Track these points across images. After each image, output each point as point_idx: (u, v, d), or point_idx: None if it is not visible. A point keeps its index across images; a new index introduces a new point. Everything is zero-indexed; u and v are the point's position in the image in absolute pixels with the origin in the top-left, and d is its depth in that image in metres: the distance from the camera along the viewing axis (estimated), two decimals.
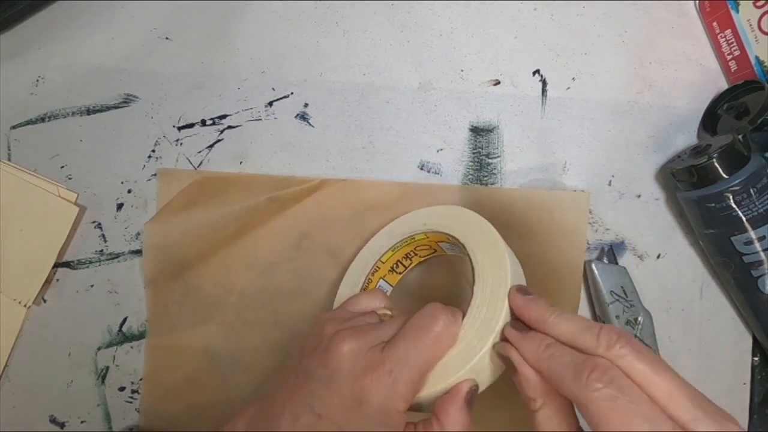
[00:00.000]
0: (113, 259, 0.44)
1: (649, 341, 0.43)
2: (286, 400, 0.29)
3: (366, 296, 0.36)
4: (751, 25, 0.43)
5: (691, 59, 0.47)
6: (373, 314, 0.34)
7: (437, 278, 0.44)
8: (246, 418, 0.31)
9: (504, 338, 0.30)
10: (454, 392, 0.29)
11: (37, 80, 0.44)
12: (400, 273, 0.42)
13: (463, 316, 0.31)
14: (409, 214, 0.41)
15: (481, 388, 0.31)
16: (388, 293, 0.42)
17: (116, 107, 0.45)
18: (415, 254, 0.42)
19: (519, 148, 0.45)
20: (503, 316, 0.30)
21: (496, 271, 0.32)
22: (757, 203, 0.39)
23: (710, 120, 0.45)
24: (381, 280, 0.41)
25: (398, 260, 0.41)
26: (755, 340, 0.46)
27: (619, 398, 0.24)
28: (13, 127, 0.44)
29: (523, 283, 0.34)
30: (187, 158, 0.44)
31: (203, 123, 0.45)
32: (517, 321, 0.30)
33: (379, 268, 0.40)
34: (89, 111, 0.44)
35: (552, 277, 0.44)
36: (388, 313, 0.34)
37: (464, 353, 0.30)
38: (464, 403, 0.29)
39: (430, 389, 0.30)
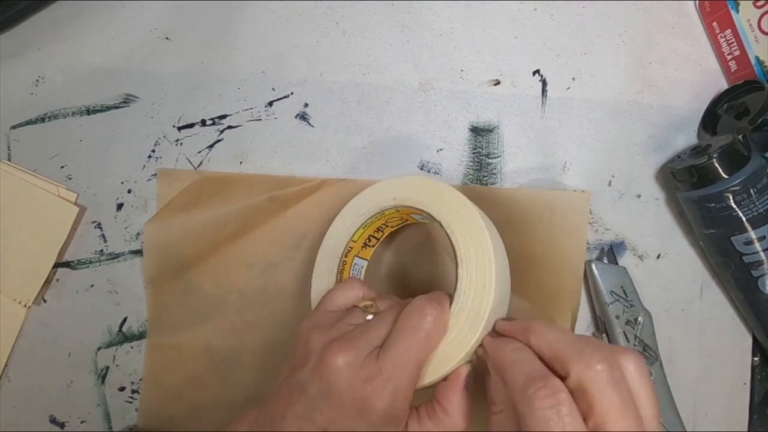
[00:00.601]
0: (113, 259, 0.44)
1: (649, 341, 0.43)
2: (284, 413, 0.29)
3: (342, 289, 0.35)
4: (751, 25, 0.43)
5: (691, 59, 0.47)
6: (356, 311, 0.33)
7: (414, 256, 0.44)
8: (247, 423, 0.31)
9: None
10: (453, 378, 0.30)
11: (37, 80, 0.44)
12: (372, 246, 0.41)
13: (451, 301, 0.31)
14: (373, 187, 0.39)
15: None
16: (363, 268, 0.41)
17: (116, 107, 0.45)
18: (386, 225, 0.41)
19: (519, 148, 0.45)
20: (491, 302, 0.31)
21: (478, 251, 0.32)
22: (757, 203, 0.39)
23: (710, 120, 0.45)
24: (355, 257, 0.40)
25: (370, 235, 0.40)
26: (755, 340, 0.46)
27: (552, 426, 0.23)
28: (13, 127, 0.44)
29: (505, 257, 0.33)
30: (187, 158, 0.44)
31: (203, 123, 0.45)
32: (504, 320, 0.31)
33: (352, 248, 0.39)
34: (89, 111, 0.44)
35: (552, 278, 0.44)
36: (370, 303, 0.34)
37: (456, 342, 0.30)
38: (464, 388, 0.30)
39: (428, 380, 0.31)
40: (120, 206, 0.44)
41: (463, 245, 0.33)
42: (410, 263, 0.44)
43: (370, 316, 0.33)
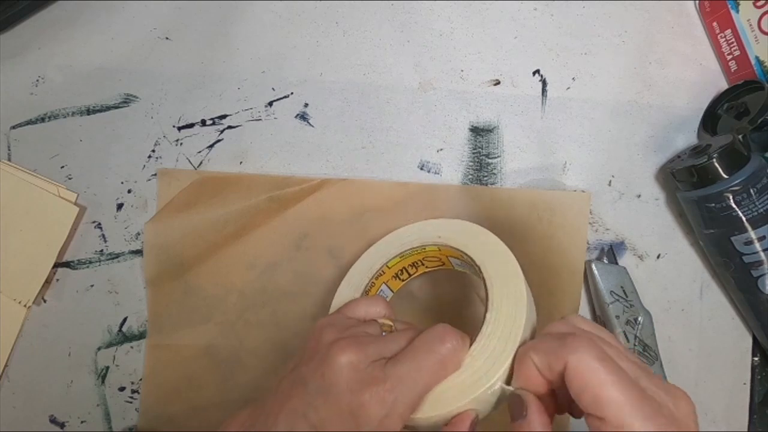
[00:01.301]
0: (113, 259, 0.44)
1: (649, 341, 0.43)
2: (281, 408, 0.29)
3: (366, 302, 0.34)
4: (751, 25, 0.43)
5: (691, 59, 0.47)
6: (373, 323, 0.33)
7: (442, 288, 0.44)
8: (238, 423, 0.30)
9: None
10: (457, 423, 0.28)
11: (37, 80, 0.44)
12: (403, 280, 0.42)
13: (471, 342, 0.30)
14: (422, 223, 0.40)
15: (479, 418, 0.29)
16: (388, 299, 0.41)
17: (116, 107, 0.45)
18: (423, 264, 0.41)
19: (519, 148, 0.45)
20: (515, 353, 0.29)
21: (512, 302, 0.31)
22: (757, 203, 0.39)
23: (710, 120, 0.45)
24: (384, 285, 0.40)
25: (404, 267, 0.41)
26: (755, 340, 0.46)
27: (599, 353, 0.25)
28: (13, 127, 0.44)
29: (535, 319, 0.33)
30: (187, 158, 0.44)
31: (203, 123, 0.45)
32: None
33: (384, 272, 0.39)
34: (89, 111, 0.44)
35: (553, 278, 0.44)
36: (389, 323, 0.33)
37: (469, 383, 0.29)
38: None
39: (429, 413, 0.29)
40: (120, 206, 0.44)
41: (497, 291, 0.32)
42: (437, 305, 0.44)
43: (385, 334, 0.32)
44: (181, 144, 0.44)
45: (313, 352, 0.31)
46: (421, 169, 0.45)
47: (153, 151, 0.44)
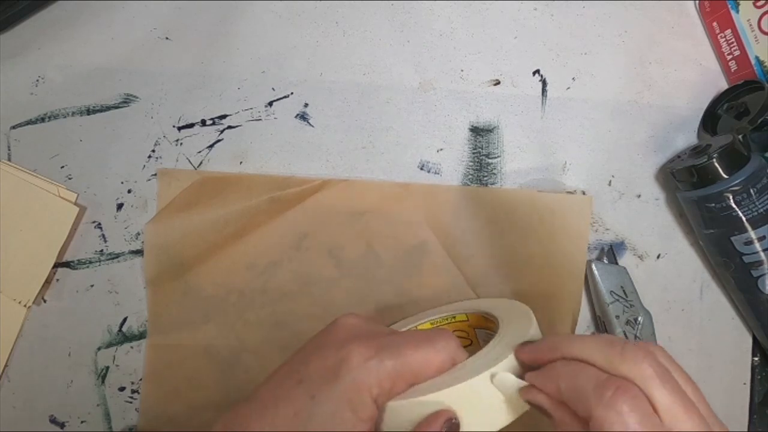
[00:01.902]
0: (113, 259, 0.44)
1: (649, 341, 0.43)
2: (281, 368, 0.30)
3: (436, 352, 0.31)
4: (751, 25, 0.43)
5: (691, 59, 0.47)
6: None
7: None
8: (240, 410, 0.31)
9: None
10: (430, 420, 0.27)
11: (37, 80, 0.44)
12: None
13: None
14: (463, 302, 0.41)
15: (468, 428, 0.27)
16: None
17: (116, 107, 0.45)
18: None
19: (519, 148, 0.45)
20: (510, 356, 0.28)
21: (517, 329, 0.31)
22: (757, 203, 0.39)
23: (710, 120, 0.45)
24: None
25: None
26: (755, 340, 0.46)
27: (644, 424, 0.22)
28: (13, 127, 0.44)
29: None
30: (187, 158, 0.44)
31: (203, 123, 0.45)
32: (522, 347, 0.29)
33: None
34: (89, 111, 0.44)
35: (553, 279, 0.44)
36: None
37: (454, 374, 0.28)
38: None
39: (408, 398, 0.28)
40: (120, 206, 0.44)
41: (505, 324, 0.32)
42: None
43: None
44: (181, 144, 0.44)
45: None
46: (421, 169, 0.45)
47: (153, 151, 0.44)
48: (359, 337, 0.29)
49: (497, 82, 0.46)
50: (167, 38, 0.45)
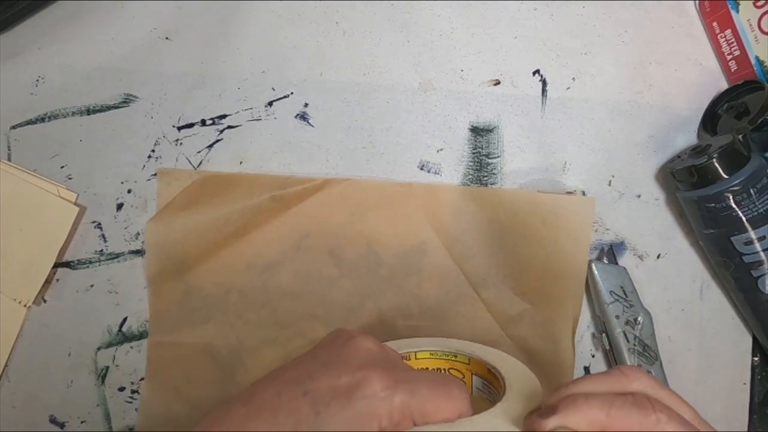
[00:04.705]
0: (113, 259, 0.44)
1: (649, 341, 0.43)
2: (283, 374, 0.29)
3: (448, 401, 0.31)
4: (751, 25, 0.43)
5: (691, 59, 0.47)
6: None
7: None
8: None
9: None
10: None
11: (37, 80, 0.44)
12: None
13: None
14: (463, 341, 0.40)
15: None
16: None
17: (116, 107, 0.45)
18: (446, 373, 0.40)
19: (519, 148, 0.45)
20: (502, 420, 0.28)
21: (525, 392, 0.31)
22: (757, 203, 0.39)
23: (710, 120, 0.45)
24: None
25: (427, 367, 0.39)
26: (755, 340, 0.46)
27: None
28: (13, 127, 0.44)
29: None
30: (187, 158, 0.44)
31: (203, 123, 0.45)
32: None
33: (408, 359, 0.38)
34: (89, 111, 0.44)
35: (555, 281, 0.44)
36: None
37: (457, 428, 0.28)
38: None
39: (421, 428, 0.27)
40: (120, 206, 0.44)
41: (514, 388, 0.32)
42: None
43: None
44: (181, 144, 0.44)
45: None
46: (421, 169, 0.45)
47: (153, 151, 0.44)
48: (377, 365, 0.28)
49: (497, 82, 0.46)
50: (167, 38, 0.45)
